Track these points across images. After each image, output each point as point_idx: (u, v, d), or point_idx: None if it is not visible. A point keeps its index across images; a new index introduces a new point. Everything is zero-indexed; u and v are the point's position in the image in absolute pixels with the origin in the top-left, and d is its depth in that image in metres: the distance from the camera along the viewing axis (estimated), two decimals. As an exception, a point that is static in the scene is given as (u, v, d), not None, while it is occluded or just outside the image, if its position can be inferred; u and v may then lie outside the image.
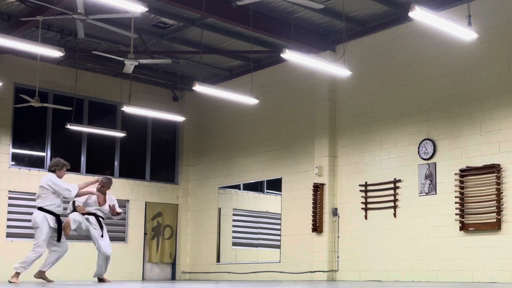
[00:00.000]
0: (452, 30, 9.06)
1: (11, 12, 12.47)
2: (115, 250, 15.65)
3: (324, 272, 13.04)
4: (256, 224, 17.10)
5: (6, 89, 14.11)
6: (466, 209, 10.99)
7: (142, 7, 8.53)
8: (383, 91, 12.68)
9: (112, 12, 11.04)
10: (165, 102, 16.76)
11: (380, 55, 12.80)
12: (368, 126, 12.85)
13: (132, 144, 16.41)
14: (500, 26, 10.88)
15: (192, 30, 13.38)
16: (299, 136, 14.21)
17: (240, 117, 15.68)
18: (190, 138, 17.26)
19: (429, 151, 11.71)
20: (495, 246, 10.55)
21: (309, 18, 12.66)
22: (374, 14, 12.48)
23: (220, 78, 16.24)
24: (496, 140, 10.78)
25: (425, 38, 11.85)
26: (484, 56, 11.05)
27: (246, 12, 11.82)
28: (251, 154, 15.42)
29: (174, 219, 17.03)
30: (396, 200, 12.14)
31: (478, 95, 11.12)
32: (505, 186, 10.57)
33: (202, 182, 16.83)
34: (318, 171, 13.32)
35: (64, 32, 13.32)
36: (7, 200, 14.28)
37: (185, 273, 16.80)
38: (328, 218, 13.21)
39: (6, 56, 14.24)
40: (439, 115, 11.66)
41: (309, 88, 13.96)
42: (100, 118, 16.15)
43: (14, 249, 14.07)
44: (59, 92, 15.14)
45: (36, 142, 15.18)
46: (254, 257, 16.26)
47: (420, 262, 11.60)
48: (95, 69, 15.58)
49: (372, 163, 12.70)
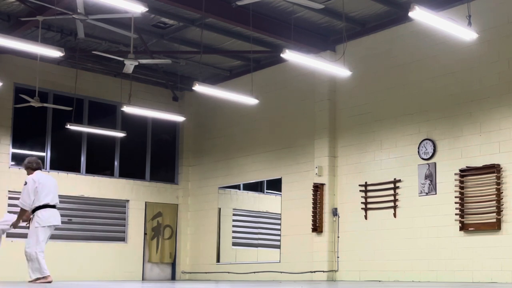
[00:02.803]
0: (452, 30, 9.06)
1: (11, 12, 12.47)
2: (115, 250, 15.71)
3: (324, 272, 13.04)
4: (256, 224, 17.10)
5: (6, 89, 14.11)
6: (466, 209, 10.99)
7: (142, 7, 8.53)
8: (383, 91, 12.68)
9: (112, 12, 11.04)
10: (165, 102, 16.76)
11: (380, 55, 12.80)
12: (368, 126, 12.84)
13: (132, 144, 16.41)
14: (500, 26, 10.88)
15: (192, 30, 13.38)
16: (299, 136, 14.21)
17: (240, 117, 15.68)
18: (190, 138, 17.26)
19: (429, 151, 11.71)
20: (495, 246, 10.55)
21: (309, 18, 12.66)
22: (374, 14, 12.48)
23: (220, 78, 16.24)
24: (496, 140, 10.78)
25: (425, 38, 11.85)
26: (484, 56, 11.05)
27: (246, 12, 11.82)
28: (251, 154, 15.42)
29: (174, 219, 17.03)
30: (396, 200, 12.14)
31: (478, 95, 11.12)
32: (505, 186, 10.57)
33: (202, 182, 16.83)
34: (318, 171, 13.32)
35: (64, 32, 13.32)
36: (7, 200, 14.28)
37: (185, 273, 16.79)
38: (328, 218, 13.21)
39: (6, 56, 14.24)
40: (439, 115, 11.66)
41: (309, 88, 13.96)
42: (100, 118, 16.15)
43: (14, 249, 14.07)
44: (59, 92, 15.14)
45: (36, 142, 15.18)
46: (254, 257, 16.26)
47: (420, 262, 11.60)
48: (95, 69, 15.58)
49: (372, 163, 12.70)
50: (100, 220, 15.71)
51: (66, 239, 14.88)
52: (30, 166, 9.31)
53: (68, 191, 14.58)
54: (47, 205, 9.09)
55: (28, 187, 9.03)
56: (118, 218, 16.00)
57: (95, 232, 15.53)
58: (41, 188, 9.06)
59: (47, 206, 9.09)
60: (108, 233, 15.75)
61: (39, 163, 9.44)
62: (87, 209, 15.49)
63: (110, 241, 15.68)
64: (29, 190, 9.01)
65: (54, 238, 14.03)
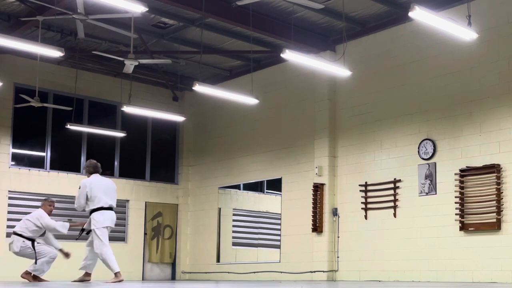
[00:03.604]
0: (452, 30, 9.06)
1: (11, 12, 12.47)
2: (115, 250, 15.67)
3: (324, 272, 13.04)
4: (256, 224, 17.10)
5: (6, 89, 14.11)
6: (466, 209, 10.99)
7: (142, 7, 8.53)
8: (383, 91, 12.68)
9: (112, 12, 11.04)
10: (165, 102, 16.76)
11: (380, 55, 12.80)
12: (368, 126, 12.84)
13: (132, 144, 16.41)
14: (500, 26, 10.88)
15: (192, 30, 13.38)
16: (299, 136, 14.21)
17: (240, 117, 15.68)
18: (190, 138, 17.26)
19: (429, 151, 11.71)
20: (495, 246, 10.55)
21: (309, 18, 12.66)
22: (374, 14, 12.48)
23: (220, 78, 16.24)
24: (496, 140, 10.78)
25: (425, 38, 11.84)
26: (484, 56, 11.05)
27: (246, 12, 11.82)
28: (251, 154, 15.42)
29: (174, 219, 17.03)
30: (396, 200, 12.14)
31: (478, 95, 11.12)
32: (505, 186, 10.57)
33: (202, 182, 16.83)
34: (318, 171, 13.32)
35: (64, 32, 13.32)
36: (7, 200, 14.28)
37: (185, 273, 16.80)
38: (328, 218, 13.21)
39: (6, 56, 14.24)
40: (439, 115, 11.66)
41: (309, 88, 13.96)
42: (100, 118, 16.16)
43: (14, 249, 14.07)
44: (59, 92, 15.14)
45: (36, 142, 15.18)
46: (254, 257, 16.26)
47: (420, 262, 11.60)
48: (95, 69, 15.57)
49: (372, 163, 12.70)
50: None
51: (66, 239, 14.86)
52: (88, 170, 9.82)
53: (68, 191, 14.54)
54: (101, 208, 9.52)
55: (80, 191, 9.54)
56: (118, 218, 15.85)
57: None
58: (94, 192, 9.50)
59: (102, 209, 9.53)
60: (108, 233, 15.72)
61: (95, 167, 9.85)
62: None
63: (110, 241, 15.56)
64: (80, 193, 9.52)
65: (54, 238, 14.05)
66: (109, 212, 9.61)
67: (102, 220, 9.48)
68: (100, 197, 9.50)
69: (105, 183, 9.75)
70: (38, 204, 14.58)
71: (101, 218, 9.50)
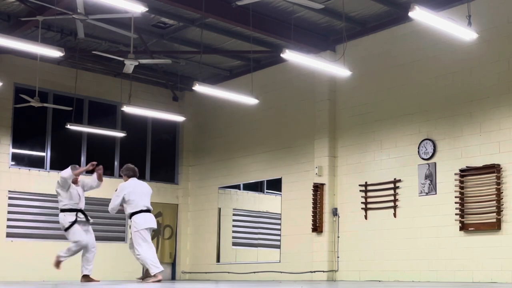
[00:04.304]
0: (452, 30, 9.06)
1: (11, 12, 12.47)
2: (115, 250, 15.70)
3: (324, 272, 13.04)
4: (256, 224, 17.10)
5: (6, 89, 14.11)
6: (466, 209, 10.99)
7: (142, 7, 8.53)
8: (383, 91, 12.68)
9: (112, 12, 11.04)
10: (165, 102, 16.76)
11: (380, 55, 12.80)
12: (368, 126, 12.84)
13: (132, 144, 16.41)
14: (500, 26, 10.88)
15: (192, 30, 13.38)
16: (299, 136, 14.21)
17: (240, 117, 15.68)
18: (190, 138, 17.26)
19: (429, 151, 11.71)
20: (495, 246, 10.55)
21: (309, 18, 12.67)
22: (374, 14, 12.48)
23: (220, 78, 16.24)
24: (496, 140, 10.78)
25: (425, 38, 11.85)
26: (484, 56, 11.05)
27: (246, 12, 11.83)
28: (251, 154, 15.42)
29: (174, 219, 17.04)
30: (396, 200, 12.15)
31: (478, 95, 11.13)
32: (505, 186, 10.57)
33: (202, 182, 16.83)
34: (318, 171, 13.32)
35: (64, 32, 13.32)
36: (7, 200, 14.28)
37: (185, 273, 16.80)
38: (328, 218, 13.21)
39: (6, 56, 14.24)
40: (439, 115, 11.66)
41: (309, 88, 13.96)
42: (100, 118, 16.15)
43: (14, 249, 14.09)
44: (59, 92, 15.14)
45: (36, 142, 15.18)
46: (254, 257, 16.26)
47: (420, 262, 11.60)
48: (95, 69, 15.58)
49: (372, 163, 12.70)
50: (100, 220, 15.66)
51: (66, 239, 14.86)
52: (127, 174, 10.15)
53: (68, 191, 14.55)
54: (141, 211, 9.84)
55: (117, 193, 9.93)
56: (118, 218, 15.97)
57: (95, 232, 15.45)
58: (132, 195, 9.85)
59: (141, 211, 9.84)
60: (108, 233, 15.73)
61: (134, 171, 10.19)
62: (87, 209, 15.36)
63: (110, 241, 15.67)
64: (115, 195, 9.92)
65: (54, 238, 14.08)
66: (148, 214, 9.94)
67: (142, 222, 9.79)
68: (138, 201, 9.86)
69: (143, 187, 10.11)
70: (38, 204, 14.69)
71: (141, 220, 9.81)
